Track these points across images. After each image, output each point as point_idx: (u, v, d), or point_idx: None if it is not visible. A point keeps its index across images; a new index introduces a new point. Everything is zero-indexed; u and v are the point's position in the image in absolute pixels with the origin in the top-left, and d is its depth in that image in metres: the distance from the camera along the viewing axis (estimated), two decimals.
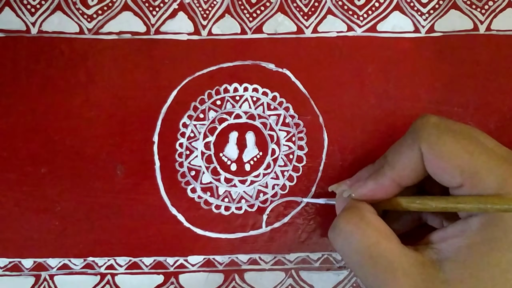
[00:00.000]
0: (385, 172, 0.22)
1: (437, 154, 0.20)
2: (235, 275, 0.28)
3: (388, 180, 0.22)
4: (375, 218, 0.22)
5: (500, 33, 0.30)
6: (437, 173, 0.20)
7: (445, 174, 0.20)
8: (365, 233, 0.21)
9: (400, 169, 0.21)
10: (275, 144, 0.29)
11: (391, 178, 0.22)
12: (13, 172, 0.29)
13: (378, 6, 0.30)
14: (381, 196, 0.23)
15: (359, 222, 0.21)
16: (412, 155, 0.21)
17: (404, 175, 0.21)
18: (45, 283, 0.28)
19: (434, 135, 0.20)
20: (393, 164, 0.22)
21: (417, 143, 0.21)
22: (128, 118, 0.29)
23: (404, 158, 0.21)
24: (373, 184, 0.22)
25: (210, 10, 0.30)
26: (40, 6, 0.30)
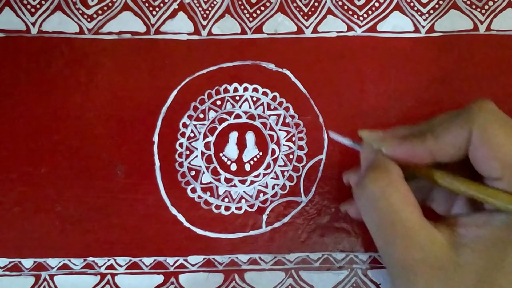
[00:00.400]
0: (426, 140, 0.21)
1: (486, 141, 0.20)
2: (235, 275, 0.28)
3: (425, 150, 0.21)
4: (403, 185, 0.21)
5: (500, 33, 0.30)
6: (480, 160, 0.20)
7: (487, 163, 0.20)
8: (391, 199, 0.21)
9: (443, 143, 0.21)
10: (275, 144, 0.29)
11: (429, 148, 0.21)
12: (13, 172, 0.29)
13: (378, 6, 0.30)
14: (414, 161, 0.22)
15: (387, 186, 0.21)
16: (460, 134, 0.20)
17: (444, 151, 0.21)
18: (45, 283, 0.28)
19: (489, 122, 0.20)
20: (437, 136, 0.21)
21: (469, 125, 0.20)
22: (128, 118, 0.29)
23: (451, 135, 0.21)
24: (409, 148, 0.22)
25: (210, 10, 0.30)
26: (40, 6, 0.30)
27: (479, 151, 0.20)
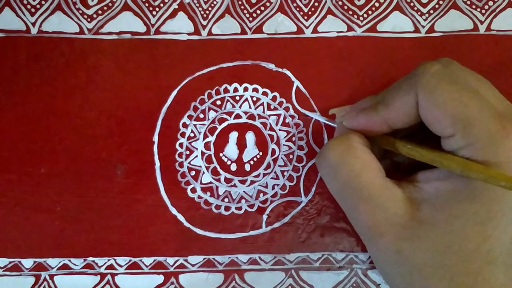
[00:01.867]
0: (378, 110, 0.22)
1: (432, 102, 0.20)
2: (235, 275, 0.28)
3: (379, 119, 0.22)
4: (362, 149, 0.22)
5: (500, 33, 0.30)
6: (431, 121, 0.20)
7: (438, 123, 0.20)
8: (350, 164, 0.21)
9: (394, 111, 0.21)
10: (275, 144, 0.29)
11: (383, 117, 0.22)
12: (13, 172, 0.29)
13: (378, 6, 0.30)
14: (370, 132, 0.23)
15: (345, 152, 0.21)
16: (407, 99, 0.21)
17: (396, 118, 0.21)
18: (45, 283, 0.28)
19: (432, 84, 0.20)
20: (387, 105, 0.21)
21: (414, 89, 0.20)
22: (128, 118, 0.29)
23: (399, 101, 0.21)
24: (364, 119, 0.22)
25: (210, 10, 0.30)
26: (40, 6, 0.30)
27: (427, 112, 0.20)
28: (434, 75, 0.20)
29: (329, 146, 0.22)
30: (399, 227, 0.20)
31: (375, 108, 0.22)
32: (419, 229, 0.20)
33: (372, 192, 0.21)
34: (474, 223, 0.19)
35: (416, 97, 0.20)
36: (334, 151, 0.22)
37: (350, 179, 0.21)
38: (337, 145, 0.22)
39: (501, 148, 0.19)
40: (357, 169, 0.21)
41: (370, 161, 0.22)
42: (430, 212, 0.20)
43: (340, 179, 0.21)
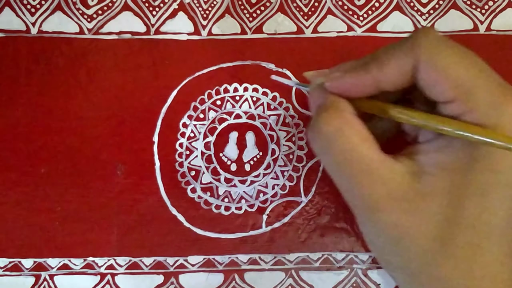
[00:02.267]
0: (370, 68, 0.20)
1: (434, 65, 0.19)
2: (235, 275, 0.28)
3: (370, 78, 0.20)
4: (357, 121, 0.21)
5: (500, 33, 0.30)
6: (430, 84, 0.20)
7: (438, 86, 0.19)
8: (346, 136, 0.20)
9: (388, 69, 0.20)
10: (275, 144, 0.29)
11: (374, 76, 0.20)
12: (13, 172, 0.29)
13: (378, 6, 0.30)
14: (356, 94, 0.21)
15: (341, 124, 0.20)
16: (405, 60, 0.20)
17: (389, 78, 0.20)
18: (45, 283, 0.28)
19: (435, 46, 0.19)
20: (382, 63, 0.20)
21: (415, 51, 0.19)
22: (128, 118, 0.29)
23: (396, 61, 0.20)
24: (352, 80, 0.21)
25: (210, 10, 0.30)
26: (40, 6, 0.30)
27: (428, 75, 0.19)
28: (436, 38, 0.20)
29: (322, 119, 0.20)
30: (399, 200, 0.20)
31: (365, 67, 0.21)
32: (420, 201, 0.19)
33: (371, 165, 0.20)
34: (474, 194, 0.19)
35: (415, 59, 0.19)
36: (329, 124, 0.20)
37: (347, 152, 0.20)
38: (332, 117, 0.20)
39: (502, 115, 0.18)
40: (354, 142, 0.20)
41: (365, 133, 0.20)
42: (430, 184, 0.19)
43: (337, 153, 0.20)
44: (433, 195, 0.19)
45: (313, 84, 0.22)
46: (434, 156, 0.20)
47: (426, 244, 0.19)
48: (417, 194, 0.19)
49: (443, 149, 0.20)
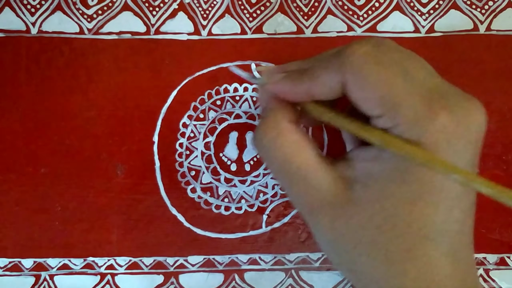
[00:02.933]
0: (303, 79, 0.21)
1: (359, 83, 0.20)
2: (235, 275, 0.28)
3: (303, 88, 0.21)
4: (293, 131, 0.22)
5: (500, 33, 0.30)
6: (358, 101, 0.20)
7: (365, 104, 0.20)
8: (282, 148, 0.21)
9: (318, 84, 0.21)
10: None
11: (307, 87, 0.21)
12: (13, 172, 0.29)
13: (378, 6, 0.30)
14: (293, 100, 0.22)
15: (277, 137, 0.21)
16: (334, 76, 0.20)
17: (321, 91, 0.21)
18: (45, 283, 0.28)
19: (360, 65, 0.20)
20: (313, 77, 0.21)
21: (342, 68, 0.20)
22: (128, 118, 0.29)
23: (325, 76, 0.21)
24: (288, 86, 0.22)
25: (210, 10, 0.30)
26: (40, 6, 0.30)
27: (355, 93, 0.20)
28: (362, 55, 0.20)
29: (260, 132, 0.22)
30: (332, 206, 0.20)
31: (300, 77, 0.22)
32: (351, 208, 0.20)
33: (304, 173, 0.21)
34: (404, 202, 0.19)
35: (343, 76, 0.20)
36: (265, 137, 0.21)
37: (282, 163, 0.21)
38: (268, 130, 0.22)
39: (427, 129, 0.18)
40: (288, 153, 0.21)
41: (301, 141, 0.21)
42: (361, 191, 0.20)
43: (274, 164, 0.21)
44: (363, 203, 0.20)
45: (260, 81, 0.23)
46: (366, 165, 0.21)
47: (362, 249, 0.20)
48: (349, 201, 0.20)
49: (374, 159, 0.20)
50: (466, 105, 0.19)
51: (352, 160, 0.21)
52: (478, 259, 0.28)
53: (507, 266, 0.28)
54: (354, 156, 0.22)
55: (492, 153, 0.29)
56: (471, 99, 0.20)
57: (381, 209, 0.20)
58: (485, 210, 0.28)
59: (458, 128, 0.19)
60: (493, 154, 0.29)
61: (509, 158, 0.29)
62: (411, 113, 0.19)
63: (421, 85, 0.19)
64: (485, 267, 0.28)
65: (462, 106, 0.19)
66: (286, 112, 0.22)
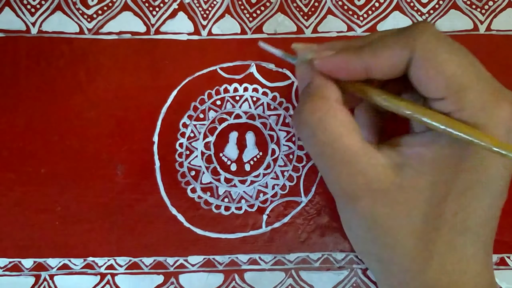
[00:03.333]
0: (363, 54, 0.20)
1: (429, 61, 0.19)
2: (235, 275, 0.28)
3: (361, 64, 0.20)
4: (341, 111, 0.20)
5: (500, 33, 0.30)
6: (423, 80, 0.19)
7: (431, 83, 0.19)
8: (330, 127, 0.20)
9: (381, 60, 0.20)
10: (275, 144, 0.29)
11: (366, 63, 0.20)
12: (13, 172, 0.29)
13: (378, 6, 0.30)
14: (344, 77, 0.21)
15: (325, 114, 0.20)
16: (400, 53, 0.19)
17: (382, 67, 0.20)
18: (45, 283, 0.28)
19: (432, 42, 0.19)
20: (375, 51, 0.20)
21: (410, 45, 0.19)
22: (128, 118, 0.29)
23: (390, 51, 0.20)
24: (343, 60, 0.20)
25: (210, 10, 0.30)
26: (40, 6, 0.30)
27: (422, 70, 0.19)
28: (433, 34, 0.19)
29: (306, 108, 0.20)
30: (377, 192, 0.20)
31: (358, 52, 0.20)
32: (398, 194, 0.19)
33: (352, 155, 0.20)
34: (456, 192, 0.19)
35: (410, 53, 0.19)
36: (313, 114, 0.20)
37: (329, 142, 0.20)
38: (315, 107, 0.20)
39: (491, 117, 0.18)
40: (337, 132, 0.20)
41: (350, 122, 0.20)
42: (411, 178, 0.20)
43: (320, 142, 0.20)
44: (412, 189, 0.19)
45: (300, 58, 0.22)
46: (418, 150, 0.20)
47: (401, 236, 0.19)
48: (397, 187, 0.20)
49: (429, 144, 0.20)
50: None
51: (401, 145, 0.21)
52: None
53: (507, 266, 0.28)
54: (403, 141, 0.21)
55: None
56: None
57: (430, 196, 0.19)
58: None
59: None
60: None
61: None
62: (478, 98, 0.18)
63: (486, 77, 0.19)
64: None
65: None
66: (334, 90, 0.21)
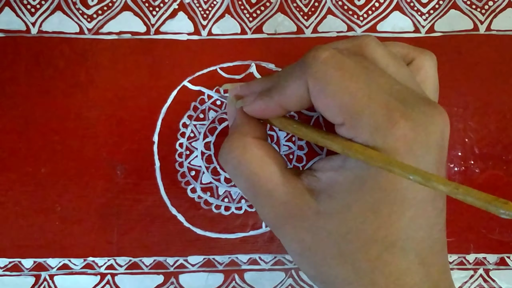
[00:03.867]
0: (272, 95, 0.22)
1: (321, 91, 0.20)
2: (235, 275, 0.28)
3: (274, 104, 0.22)
4: (259, 146, 0.22)
5: (500, 33, 0.30)
6: (320, 109, 0.20)
7: (326, 111, 0.20)
8: (247, 165, 0.21)
9: (287, 96, 0.21)
10: (275, 144, 0.29)
11: (277, 102, 0.22)
12: (13, 172, 0.29)
13: (378, 6, 0.30)
14: (270, 115, 0.23)
15: (242, 153, 0.22)
16: (299, 86, 0.20)
17: (291, 103, 0.21)
18: (45, 283, 0.28)
19: (321, 72, 0.20)
20: (281, 90, 0.21)
21: (304, 76, 0.20)
22: (128, 118, 0.29)
23: (292, 87, 0.21)
24: (261, 105, 0.22)
25: (210, 10, 0.30)
26: (40, 6, 0.30)
27: (316, 100, 0.20)
28: (323, 62, 0.20)
29: (225, 149, 0.22)
30: (299, 219, 0.21)
31: (269, 93, 0.22)
32: (317, 220, 0.20)
33: (271, 188, 0.21)
34: (368, 211, 0.19)
35: (306, 85, 0.20)
36: (232, 153, 0.22)
37: (249, 178, 0.21)
38: (234, 146, 0.22)
39: (387, 138, 0.19)
40: (255, 169, 0.21)
41: (267, 156, 0.22)
42: (326, 202, 0.20)
43: (241, 179, 0.22)
44: (329, 214, 0.20)
45: (229, 100, 0.24)
46: (330, 174, 0.21)
47: (330, 260, 0.20)
48: (315, 213, 0.20)
49: (339, 168, 0.21)
50: (427, 111, 0.19)
51: (317, 171, 0.21)
52: (478, 259, 0.29)
53: (507, 266, 0.28)
54: (319, 166, 0.22)
55: (492, 153, 0.29)
56: (432, 104, 0.20)
57: (346, 219, 0.20)
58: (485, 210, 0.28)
59: (418, 135, 0.19)
60: (493, 154, 0.29)
61: (509, 158, 0.29)
62: (371, 122, 0.19)
63: (383, 91, 0.19)
64: (485, 267, 0.28)
65: (422, 112, 0.19)
66: (251, 128, 0.23)
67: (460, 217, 0.28)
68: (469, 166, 0.29)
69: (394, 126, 0.19)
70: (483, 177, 0.29)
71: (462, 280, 0.28)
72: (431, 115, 0.19)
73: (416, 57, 0.23)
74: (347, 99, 0.19)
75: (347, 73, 0.19)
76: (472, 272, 0.28)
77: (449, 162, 0.29)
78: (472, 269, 0.29)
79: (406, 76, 0.21)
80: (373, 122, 0.19)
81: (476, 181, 0.29)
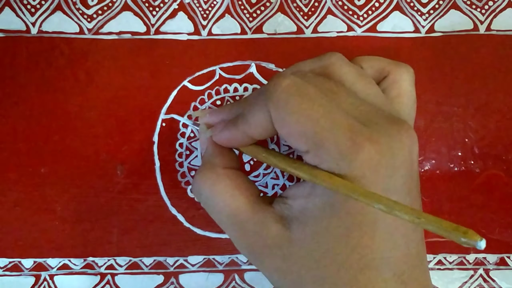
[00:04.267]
0: (238, 125, 0.22)
1: (283, 119, 0.19)
2: (235, 275, 0.28)
3: (241, 133, 0.22)
4: (230, 175, 0.22)
5: (500, 33, 0.30)
6: (285, 137, 0.20)
7: (291, 140, 0.20)
8: (219, 197, 0.22)
9: (251, 125, 0.21)
10: (275, 144, 0.29)
11: (243, 131, 0.22)
12: (13, 172, 0.29)
13: (378, 6, 0.30)
14: (238, 145, 0.23)
15: (212, 186, 0.22)
16: (262, 115, 0.20)
17: (255, 132, 0.21)
18: (45, 283, 0.28)
19: (282, 100, 0.19)
20: (246, 120, 0.21)
21: (266, 106, 0.20)
22: (128, 118, 0.29)
23: (255, 117, 0.21)
24: (228, 135, 0.22)
25: (210, 10, 0.30)
26: (40, 6, 0.30)
27: (280, 129, 0.20)
28: (284, 90, 0.19)
29: (198, 180, 0.23)
30: (273, 248, 0.21)
31: (235, 122, 0.22)
32: (291, 247, 0.20)
33: (243, 218, 0.21)
34: (339, 236, 0.19)
35: (270, 113, 0.20)
36: (204, 184, 0.22)
37: (222, 210, 0.22)
38: (206, 177, 0.22)
39: (352, 164, 0.18)
40: (226, 200, 0.22)
41: (238, 187, 0.22)
42: (298, 230, 0.20)
43: (214, 210, 0.22)
44: (301, 241, 0.20)
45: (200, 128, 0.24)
46: (300, 201, 0.21)
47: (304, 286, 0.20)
48: (288, 241, 0.20)
49: (308, 195, 0.21)
50: (392, 131, 0.19)
51: (288, 198, 0.21)
52: (478, 259, 0.29)
53: (507, 266, 0.28)
54: (290, 194, 0.22)
55: (492, 153, 0.29)
56: (398, 123, 0.20)
57: (318, 245, 0.20)
58: (485, 210, 0.28)
59: (383, 157, 0.19)
60: (493, 154, 0.29)
61: (509, 158, 0.29)
62: (335, 148, 0.18)
63: (346, 115, 0.19)
64: (485, 267, 0.28)
65: (388, 133, 0.19)
66: (223, 157, 0.23)
67: (460, 217, 0.28)
68: (469, 166, 0.29)
69: (358, 151, 0.18)
70: (483, 177, 0.29)
71: (462, 280, 0.28)
72: (397, 134, 0.19)
73: (391, 70, 0.23)
74: (310, 126, 0.19)
75: (309, 100, 0.19)
76: (472, 272, 0.28)
77: (449, 162, 0.29)
78: (472, 269, 0.29)
79: (373, 94, 0.21)
80: (337, 148, 0.18)
81: (476, 181, 0.29)
